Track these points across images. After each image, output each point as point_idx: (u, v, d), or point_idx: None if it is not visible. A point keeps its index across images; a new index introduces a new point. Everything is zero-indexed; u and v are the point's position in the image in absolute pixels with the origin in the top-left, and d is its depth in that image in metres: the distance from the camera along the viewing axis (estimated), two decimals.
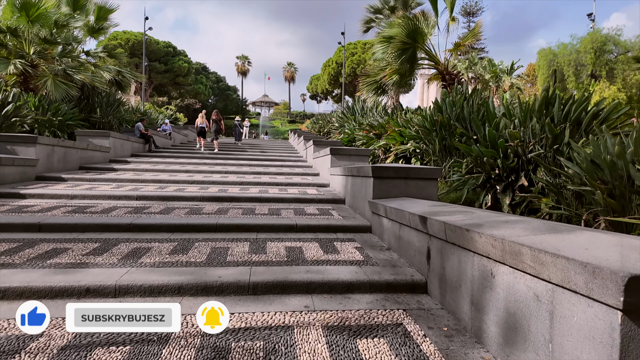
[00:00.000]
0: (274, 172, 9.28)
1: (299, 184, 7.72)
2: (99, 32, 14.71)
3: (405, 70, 9.00)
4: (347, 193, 5.97)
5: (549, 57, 25.56)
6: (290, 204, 5.84)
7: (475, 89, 6.65)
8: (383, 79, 9.40)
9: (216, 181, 7.51)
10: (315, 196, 6.26)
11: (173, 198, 5.80)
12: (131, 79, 15.40)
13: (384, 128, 8.87)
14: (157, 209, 5.08)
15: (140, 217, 4.50)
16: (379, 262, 3.31)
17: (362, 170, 4.89)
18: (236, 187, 7.17)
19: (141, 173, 8.29)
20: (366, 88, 9.91)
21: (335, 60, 50.98)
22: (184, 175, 8.15)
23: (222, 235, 4.11)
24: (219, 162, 10.94)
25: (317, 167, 9.96)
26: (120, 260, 3.13)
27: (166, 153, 12.94)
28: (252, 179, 8.09)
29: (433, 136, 6.24)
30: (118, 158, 10.38)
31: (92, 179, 7.18)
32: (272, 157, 12.87)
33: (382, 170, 4.49)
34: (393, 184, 4.55)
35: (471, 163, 5.25)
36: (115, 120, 13.89)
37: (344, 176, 6.24)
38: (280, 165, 10.90)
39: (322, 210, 5.43)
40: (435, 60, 9.57)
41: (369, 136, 9.56)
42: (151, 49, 46.47)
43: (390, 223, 3.82)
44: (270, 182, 7.64)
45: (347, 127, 11.92)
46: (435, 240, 2.80)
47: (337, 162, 7.73)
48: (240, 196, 6.00)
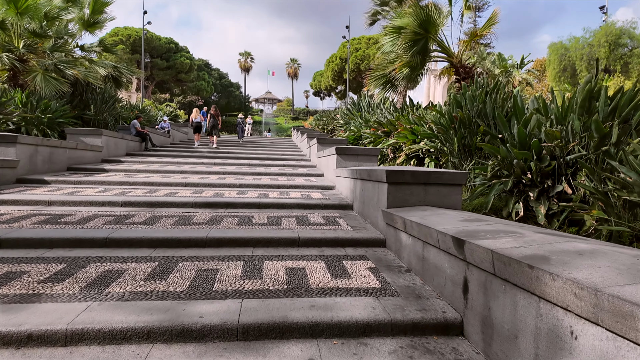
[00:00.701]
0: (275, 173, 8.68)
1: (302, 186, 7.12)
2: (94, 26, 14.13)
3: (417, 62, 8.35)
4: (356, 198, 5.37)
5: (560, 51, 24.71)
6: (292, 211, 5.24)
7: (498, 81, 6.01)
8: (392, 73, 8.76)
9: (212, 183, 6.92)
10: (320, 201, 5.66)
11: (162, 204, 5.22)
12: (128, 74, 14.84)
13: (393, 125, 8.24)
14: (142, 217, 4.50)
15: (119, 229, 3.92)
16: (400, 290, 2.71)
17: (374, 174, 4.28)
18: (234, 190, 6.58)
19: (133, 174, 7.73)
20: (374, 82, 9.27)
21: (339, 56, 50.21)
22: (178, 177, 7.57)
23: (212, 251, 3.52)
24: (217, 161, 10.36)
25: (321, 167, 9.35)
26: (83, 289, 2.55)
27: (163, 152, 12.38)
28: (251, 180, 7.50)
29: (451, 134, 5.61)
30: (111, 158, 9.83)
31: (78, 181, 6.61)
32: (274, 156, 12.28)
33: (398, 174, 3.88)
34: (410, 190, 3.93)
35: (497, 165, 4.62)
36: (111, 117, 13.34)
37: (352, 179, 5.64)
38: (282, 165, 10.30)
39: (328, 218, 4.83)
40: (449, 53, 8.91)
41: (377, 134, 8.93)
42: (153, 45, 45.96)
43: (410, 239, 3.21)
44: (271, 185, 7.05)
45: (353, 124, 11.28)
46: (476, 271, 2.19)
47: (343, 163, 7.12)
48: (237, 201, 5.41)
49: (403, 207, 3.92)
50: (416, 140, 7.16)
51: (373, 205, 4.41)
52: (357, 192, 5.27)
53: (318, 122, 20.46)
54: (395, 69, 8.73)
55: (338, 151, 7.07)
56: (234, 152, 13.23)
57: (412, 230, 3.11)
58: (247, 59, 74.98)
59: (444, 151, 5.96)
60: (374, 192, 4.37)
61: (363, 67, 47.70)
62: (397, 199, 3.92)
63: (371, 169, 4.51)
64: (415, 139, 7.21)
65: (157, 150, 12.84)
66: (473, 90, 5.79)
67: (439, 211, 3.53)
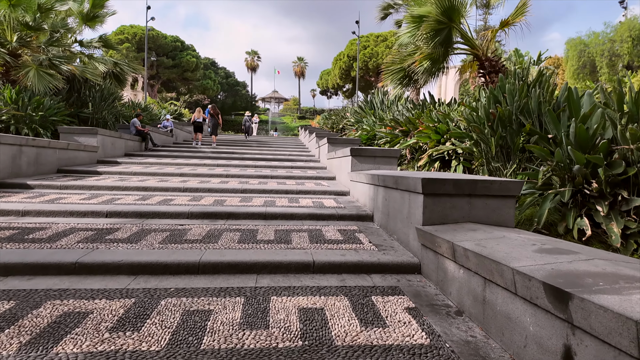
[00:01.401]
0: (283, 176, 7.96)
1: (313, 191, 6.39)
2: (94, 20, 13.56)
3: (439, 54, 7.57)
4: (377, 208, 4.62)
5: (579, 47, 23.65)
6: (303, 223, 4.51)
7: (541, 72, 5.23)
8: (412, 66, 7.98)
9: (213, 188, 6.22)
10: (335, 210, 4.92)
11: (153, 214, 4.52)
12: (129, 71, 14.23)
13: (412, 124, 7.47)
14: (126, 232, 3.80)
15: (96, 249, 3.22)
16: (458, 349, 1.97)
17: (404, 183, 3.53)
18: (236, 196, 5.87)
19: (127, 178, 7.06)
20: (391, 77, 8.50)
21: (346, 54, 49.40)
22: (176, 181, 6.89)
23: (205, 281, 2.81)
24: (220, 162, 9.68)
25: (332, 169, 8.62)
26: (22, 348, 1.85)
27: (164, 152, 11.73)
28: (256, 184, 6.79)
29: (487, 134, 4.84)
30: (107, 158, 9.19)
31: (64, 185, 5.96)
32: (281, 157, 11.57)
33: (437, 184, 3.13)
34: (452, 203, 3.18)
35: (550, 172, 3.85)
36: (111, 116, 12.73)
37: (371, 185, 4.89)
38: (290, 166, 9.58)
39: (346, 233, 4.09)
40: (472, 44, 8.11)
41: (394, 134, 8.16)
42: (159, 44, 45.58)
43: (462, 272, 2.46)
44: (279, 190, 6.32)
45: (366, 123, 10.52)
46: (592, 343, 1.44)
47: (358, 166, 6.37)
48: (239, 211, 4.69)
49: (443, 223, 3.17)
50: (441, 141, 6.39)
51: (402, 220, 3.66)
52: (379, 201, 4.52)
53: (326, 120, 19.70)
54: (414, 62, 7.95)
55: (353, 152, 6.33)
56: (238, 152, 12.54)
57: (465, 260, 2.36)
58: (253, 58, 74.45)
59: (477, 153, 5.19)
60: (403, 203, 3.62)
61: (371, 64, 46.87)
62: (436, 214, 3.17)
63: (399, 175, 3.76)
64: (440, 138, 6.44)
65: (158, 150, 12.20)
66: (511, 83, 5.01)
67: (494, 232, 2.77)
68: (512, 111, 4.62)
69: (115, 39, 43.38)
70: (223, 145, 15.57)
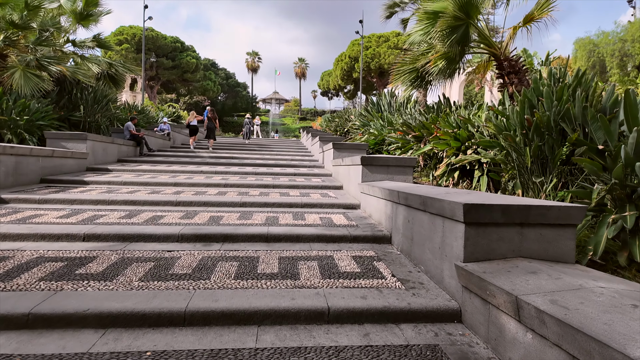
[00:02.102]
0: (285, 185, 7.36)
1: (320, 204, 5.78)
2: (87, 19, 12.98)
3: (455, 53, 6.96)
4: (396, 229, 4.02)
5: (589, 47, 23.05)
6: (311, 247, 3.90)
7: (582, 72, 4.62)
8: (427, 66, 7.37)
9: (209, 202, 5.62)
10: (347, 230, 4.31)
11: (138, 237, 3.92)
12: (125, 72, 13.64)
13: (427, 129, 6.87)
14: (103, 262, 3.20)
15: (60, 289, 2.62)
16: None
17: (436, 206, 2.93)
18: (235, 211, 5.26)
19: (116, 189, 6.46)
20: (402, 78, 7.90)
21: (348, 55, 48.84)
22: (169, 192, 6.29)
23: (191, 338, 2.20)
24: (219, 169, 9.07)
25: (339, 177, 8.02)
26: None
27: (160, 157, 11.14)
28: (257, 196, 6.19)
29: (519, 143, 4.24)
30: (98, 166, 8.60)
31: (43, 199, 5.36)
32: (283, 162, 10.97)
33: (483, 211, 2.52)
34: (499, 234, 2.58)
35: (606, 191, 3.24)
36: (105, 119, 12.14)
37: (388, 202, 4.29)
38: (293, 173, 8.98)
39: (363, 261, 3.48)
40: (490, 42, 7.50)
41: (406, 139, 7.55)
42: (158, 45, 45.07)
43: (533, 338, 1.85)
44: (282, 203, 5.72)
45: (373, 126, 9.91)
46: None
47: (370, 176, 5.77)
48: (237, 232, 4.08)
49: (488, 259, 2.56)
50: (461, 148, 5.78)
51: (432, 250, 3.05)
52: (399, 221, 3.91)
53: (329, 123, 19.08)
54: (428, 62, 7.34)
55: (364, 161, 5.73)
56: (238, 157, 11.95)
57: (539, 325, 1.75)
58: (254, 59, 73.95)
59: (506, 164, 4.58)
60: (434, 230, 3.01)
61: (373, 65, 46.30)
62: (480, 248, 2.56)
63: (427, 195, 3.14)
64: (459, 146, 5.83)
65: (154, 155, 11.61)
66: (545, 84, 4.41)
67: (562, 276, 2.16)
68: (551, 117, 4.02)
69: (115, 39, 42.90)
70: (222, 149, 14.99)
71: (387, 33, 47.98)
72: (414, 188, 4.00)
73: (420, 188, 3.98)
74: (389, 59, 45.73)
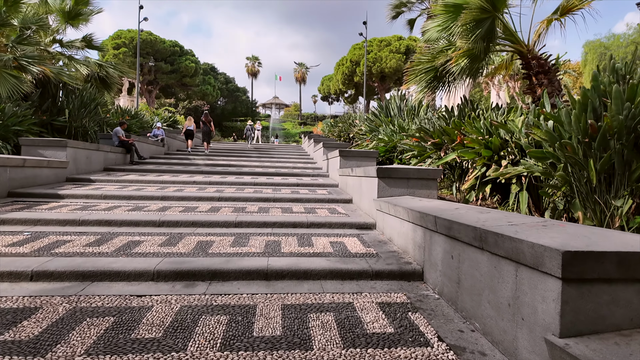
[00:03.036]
0: (288, 198, 6.51)
1: (329, 224, 4.93)
2: (77, 18, 12.25)
3: (480, 50, 6.16)
4: (433, 264, 3.17)
5: (599, 50, 22.33)
6: (323, 289, 3.05)
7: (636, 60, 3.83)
8: (447, 65, 6.56)
9: (199, 221, 4.77)
10: (366, 262, 3.47)
11: (100, 276, 3.07)
12: (116, 74, 12.85)
13: (448, 135, 6.04)
14: (42, 320, 2.35)
15: None
16: None
17: (503, 245, 2.09)
18: (229, 234, 4.41)
19: (92, 204, 5.62)
20: (417, 78, 7.08)
21: (349, 59, 48.27)
22: (154, 208, 5.45)
23: None
24: (214, 179, 8.23)
25: (347, 188, 7.18)
26: None
27: (151, 165, 10.31)
28: (255, 213, 5.35)
29: (578, 153, 3.41)
30: (80, 175, 7.76)
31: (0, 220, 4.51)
32: (285, 170, 10.15)
33: (590, 261, 1.68)
34: (613, 295, 1.74)
35: None
36: (93, 124, 11.33)
37: (419, 227, 3.45)
38: (295, 184, 8.14)
39: (394, 312, 2.62)
40: (516, 39, 6.71)
41: (422, 146, 6.72)
42: (157, 48, 44.48)
43: None
44: (284, 223, 4.87)
45: (383, 132, 9.10)
46: None
47: (387, 190, 4.94)
48: (230, 268, 3.22)
49: (596, 332, 1.72)
50: (494, 159, 4.95)
51: (496, 305, 2.20)
52: (436, 255, 3.07)
53: (332, 128, 18.27)
54: (448, 60, 6.54)
55: (381, 174, 4.89)
56: (236, 165, 11.13)
57: None
58: (254, 64, 73.48)
59: (559, 180, 3.74)
60: (500, 279, 2.16)
61: (375, 70, 45.71)
62: (583, 315, 1.72)
63: (490, 229, 2.30)
64: (492, 155, 5.00)
65: (145, 163, 10.78)
66: (607, 81, 3.59)
67: None
68: (625, 123, 3.20)
69: (112, 43, 42.35)
70: (219, 155, 14.18)
71: (388, 37, 47.47)
72: (454, 212, 3.16)
73: (461, 212, 3.14)
74: (391, 63, 45.14)
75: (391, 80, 48.60)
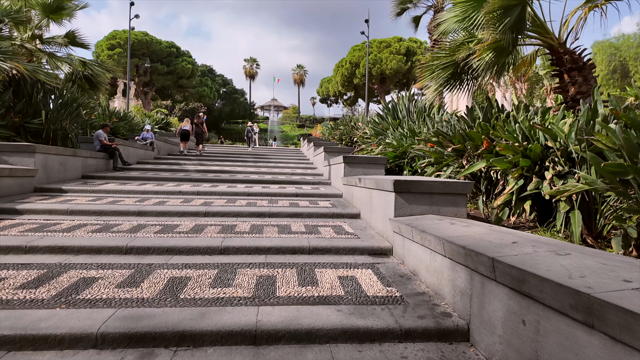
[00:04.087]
0: (286, 213, 5.63)
1: (336, 249, 4.05)
2: (59, 12, 11.40)
3: (507, 42, 5.32)
4: (485, 322, 2.29)
5: (609, 50, 21.58)
6: (335, 354, 2.17)
7: None
8: (470, 60, 5.70)
9: (176, 247, 3.88)
10: (390, 314, 2.59)
11: (22, 342, 2.18)
12: (102, 72, 11.96)
13: (471, 140, 5.18)
14: None
15: None
16: None
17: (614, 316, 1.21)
18: (211, 265, 3.52)
19: (53, 222, 4.73)
20: (433, 75, 6.20)
21: (349, 60, 47.50)
22: (125, 228, 4.56)
23: None
24: (203, 188, 7.34)
25: (353, 200, 6.32)
26: None
27: (136, 172, 9.40)
28: (245, 234, 4.47)
29: None
30: (51, 185, 6.86)
31: None
32: (283, 177, 9.27)
33: None
34: None
35: None
36: (75, 127, 10.43)
37: (459, 266, 2.57)
38: (294, 194, 7.26)
39: None
40: (546, 30, 5.87)
41: (440, 152, 5.86)
42: (152, 49, 43.60)
43: None
44: (281, 248, 3.99)
45: (391, 135, 8.23)
46: None
47: (406, 207, 4.07)
48: (202, 328, 2.34)
49: None
50: (534, 169, 4.09)
51: None
52: (494, 314, 2.19)
53: (332, 131, 17.39)
54: (471, 53, 5.69)
55: (399, 188, 4.03)
56: (229, 171, 10.24)
57: None
58: (252, 65, 72.73)
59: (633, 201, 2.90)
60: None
61: (375, 71, 44.94)
62: None
63: (614, 303, 1.44)
64: (531, 165, 4.14)
65: (130, 169, 9.88)
66: None
67: None
68: None
69: (107, 44, 41.46)
70: (213, 159, 13.30)
71: (388, 38, 46.76)
72: (515, 251, 2.28)
73: (526, 250, 2.26)
74: (391, 65, 44.35)
75: (391, 82, 47.85)
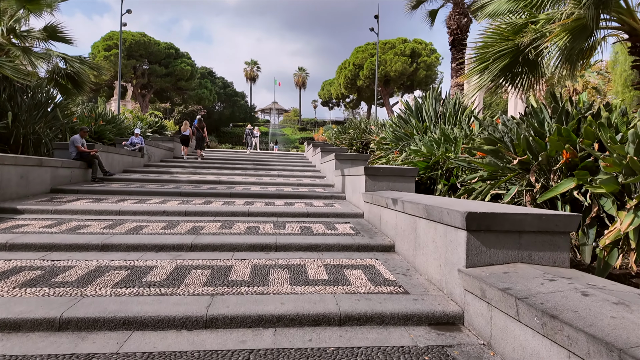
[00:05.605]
0: (297, 246, 4.28)
1: (379, 316, 2.71)
2: (36, 3, 10.13)
3: (591, 19, 4.01)
4: None
5: None
6: None
7: None
8: (541, 42, 4.38)
9: (137, 318, 2.53)
10: None
11: None
12: (83, 69, 10.68)
13: (544, 150, 3.85)
14: None
15: None
16: None
17: None
18: (188, 356, 2.19)
19: None
20: (483, 65, 4.86)
21: (352, 62, 46.30)
22: (74, 276, 3.22)
23: None
24: (194, 206, 6.02)
25: (380, 223, 4.99)
26: None
27: (117, 184, 8.07)
28: (243, 283, 3.13)
29: None
30: (3, 204, 5.54)
31: None
32: (289, 190, 7.95)
33: None
34: None
35: None
36: (52, 131, 9.15)
37: None
38: (305, 213, 5.92)
39: None
40: (629, 12, 4.58)
41: (495, 164, 4.53)
42: (151, 51, 42.45)
43: None
44: (296, 317, 2.64)
45: (419, 141, 6.87)
46: None
47: (484, 253, 2.74)
48: None
49: None
50: None
51: None
52: None
53: (339, 135, 16.05)
54: (536, 37, 4.36)
55: (473, 224, 2.70)
56: (227, 182, 8.92)
57: None
58: (253, 68, 71.69)
59: None
60: None
61: (379, 73, 43.57)
62: None
63: None
64: None
65: (112, 180, 8.55)
66: None
67: None
68: None
69: (104, 44, 40.30)
70: (209, 167, 11.98)
71: (392, 40, 45.60)
72: None
73: None
74: (396, 66, 43.09)
75: (395, 85, 46.63)
